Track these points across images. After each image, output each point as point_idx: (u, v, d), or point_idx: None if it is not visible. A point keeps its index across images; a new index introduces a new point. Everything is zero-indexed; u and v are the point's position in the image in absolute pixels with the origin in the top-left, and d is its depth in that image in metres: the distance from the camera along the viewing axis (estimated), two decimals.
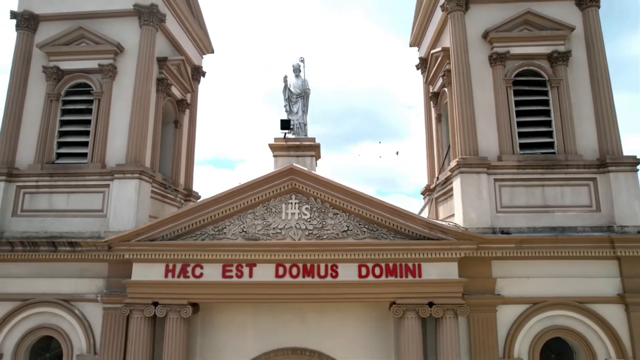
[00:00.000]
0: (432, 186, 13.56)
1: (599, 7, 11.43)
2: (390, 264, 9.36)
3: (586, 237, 9.91)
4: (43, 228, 10.90)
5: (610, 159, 10.35)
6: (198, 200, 10.21)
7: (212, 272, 9.55)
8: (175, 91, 13.91)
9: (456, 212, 10.59)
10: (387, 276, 9.34)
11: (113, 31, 12.15)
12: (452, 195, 11.11)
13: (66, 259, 10.56)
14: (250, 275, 9.50)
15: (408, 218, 9.41)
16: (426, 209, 13.13)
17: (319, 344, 9.97)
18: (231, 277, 9.51)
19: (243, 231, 9.73)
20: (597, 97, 10.91)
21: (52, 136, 11.77)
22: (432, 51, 13.37)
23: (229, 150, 52.52)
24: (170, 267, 9.60)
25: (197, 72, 15.76)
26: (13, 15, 12.24)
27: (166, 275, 9.60)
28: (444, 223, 9.93)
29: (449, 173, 11.32)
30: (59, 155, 11.76)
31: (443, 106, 13.25)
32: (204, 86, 16.61)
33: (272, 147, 10.91)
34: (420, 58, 15.21)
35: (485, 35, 11.41)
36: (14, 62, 12.11)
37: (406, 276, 9.31)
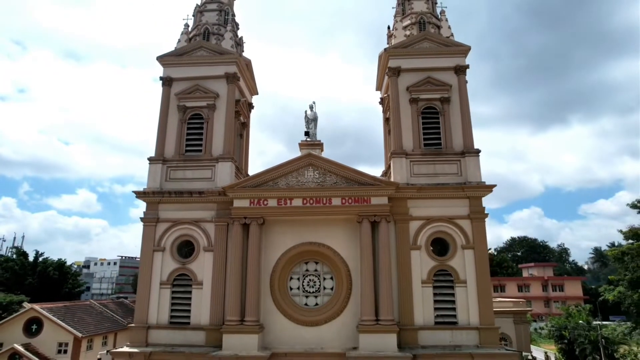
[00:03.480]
0: (385, 170, 24.10)
1: (465, 74, 22.25)
2: (356, 197, 19.85)
3: (452, 186, 20.37)
4: (181, 187, 21.42)
5: (466, 150, 20.93)
6: (265, 169, 20.62)
7: (272, 203, 20.06)
8: (242, 117, 24.69)
9: (391, 177, 21.10)
10: (354, 203, 19.81)
11: (213, 86, 22.96)
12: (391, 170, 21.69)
13: (195, 200, 21.03)
14: (290, 203, 20.00)
15: (363, 175, 20.01)
16: None
17: (322, 239, 20.39)
18: (281, 204, 20.02)
19: (287, 183, 20.30)
20: (462, 120, 21.57)
21: (182, 140, 22.43)
22: (384, 95, 24.27)
23: None
24: (252, 200, 20.09)
25: (250, 106, 26.66)
26: (161, 78, 23.15)
27: (250, 204, 20.09)
28: (380, 177, 20.52)
29: (389, 160, 21.92)
30: (187, 150, 22.39)
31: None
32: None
33: (300, 144, 21.65)
34: (380, 98, 26.08)
35: (407, 88, 22.16)
36: (161, 103, 22.91)
37: (362, 202, 19.77)
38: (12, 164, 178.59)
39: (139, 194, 21.18)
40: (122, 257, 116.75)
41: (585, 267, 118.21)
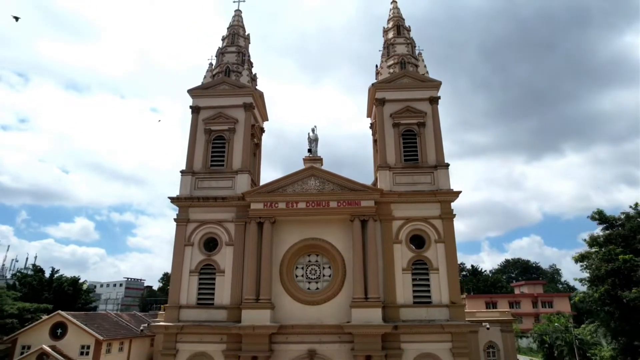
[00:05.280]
0: (374, 182, 29.07)
1: (438, 103, 27.59)
2: (349, 201, 24.74)
3: (426, 192, 25.29)
4: (207, 193, 26.35)
5: (438, 164, 26.01)
6: (276, 179, 25.55)
7: (281, 205, 24.94)
8: (255, 139, 29.92)
9: (378, 186, 26.05)
10: (347, 205, 24.68)
11: (233, 113, 28.29)
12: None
13: (218, 205, 25.94)
14: (296, 206, 24.87)
15: (354, 183, 24.98)
16: None
17: (322, 236, 25.15)
18: (289, 207, 24.90)
19: (293, 190, 25.24)
20: (435, 140, 26.74)
21: (208, 157, 27.55)
22: (373, 121, 29.59)
23: None
24: (266, 203, 24.98)
25: (262, 130, 31.98)
26: (191, 107, 28.54)
27: (264, 207, 24.96)
28: (368, 185, 25.52)
29: (376, 173, 26.96)
30: (212, 165, 27.47)
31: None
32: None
33: (304, 159, 26.70)
34: (370, 123, 31.41)
35: (391, 115, 27.46)
36: (191, 127, 28.18)
37: (354, 205, 24.63)
38: (11, 192, 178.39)
39: (174, 200, 26.09)
40: (127, 279, 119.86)
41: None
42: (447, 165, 26.01)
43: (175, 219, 25.97)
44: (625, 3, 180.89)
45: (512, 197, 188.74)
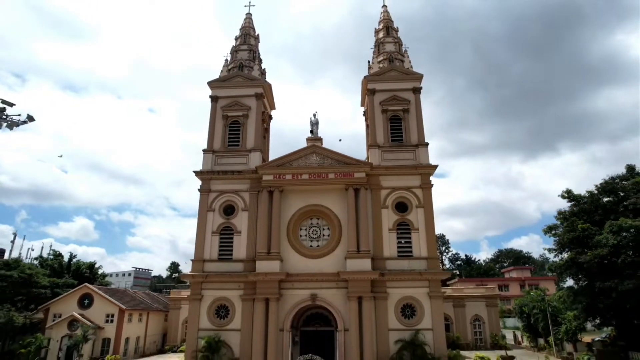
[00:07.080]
0: (366, 159, 34.07)
1: (420, 93, 32.60)
2: (344, 173, 29.76)
3: (409, 166, 30.29)
4: (225, 167, 31.39)
5: (419, 143, 31.01)
6: (284, 155, 30.52)
7: (288, 177, 29.99)
8: (265, 124, 34.94)
9: (369, 160, 31.06)
10: (343, 177, 29.71)
11: (246, 101, 33.34)
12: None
13: (235, 177, 30.99)
14: (300, 177, 29.91)
15: (349, 158, 30.03)
16: None
17: (322, 202, 30.20)
18: (295, 178, 29.95)
19: (298, 164, 30.28)
20: (417, 124, 31.74)
21: (225, 138, 32.60)
22: (365, 109, 34.62)
23: None
24: (275, 175, 30.02)
25: (270, 117, 37.02)
26: (210, 97, 33.57)
27: (274, 178, 30.00)
28: (361, 159, 30.59)
29: (368, 151, 31.97)
30: (229, 145, 32.50)
31: None
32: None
33: (307, 139, 31.72)
34: (364, 111, 36.42)
35: (380, 103, 32.47)
36: (210, 114, 33.23)
37: (349, 177, 29.66)
38: (11, 192, 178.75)
39: (197, 173, 31.13)
40: (136, 268, 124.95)
41: None
42: (427, 144, 30.99)
43: (199, 189, 30.98)
44: (618, 1, 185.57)
45: (510, 196, 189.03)
